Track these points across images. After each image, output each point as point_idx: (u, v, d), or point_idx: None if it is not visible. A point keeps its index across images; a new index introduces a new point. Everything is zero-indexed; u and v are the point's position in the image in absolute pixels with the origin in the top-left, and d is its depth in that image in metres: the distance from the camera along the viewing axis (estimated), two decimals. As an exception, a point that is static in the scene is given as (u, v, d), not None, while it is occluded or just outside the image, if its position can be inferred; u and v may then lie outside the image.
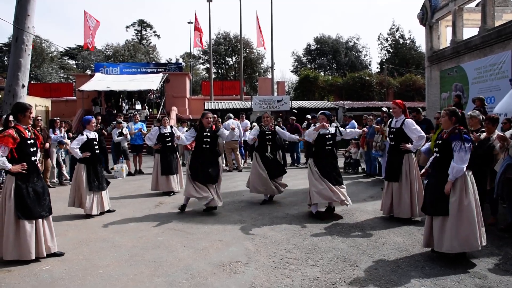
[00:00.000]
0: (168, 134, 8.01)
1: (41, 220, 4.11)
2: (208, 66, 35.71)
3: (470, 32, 14.33)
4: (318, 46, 42.56)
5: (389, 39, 41.76)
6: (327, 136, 5.73)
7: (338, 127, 5.88)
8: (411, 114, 6.78)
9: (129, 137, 10.81)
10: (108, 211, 6.19)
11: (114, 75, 24.96)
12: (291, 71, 49.03)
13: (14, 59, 7.77)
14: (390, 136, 5.57)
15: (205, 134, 6.11)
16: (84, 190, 5.85)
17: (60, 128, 9.26)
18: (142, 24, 51.32)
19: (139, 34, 51.26)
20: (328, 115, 5.84)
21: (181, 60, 46.44)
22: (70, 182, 7.35)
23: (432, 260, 3.97)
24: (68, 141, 8.90)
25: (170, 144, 8.01)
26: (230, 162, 11.53)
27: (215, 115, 8.92)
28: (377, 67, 43.69)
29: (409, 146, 5.35)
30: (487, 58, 11.21)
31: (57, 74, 40.58)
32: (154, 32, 52.47)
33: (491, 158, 5.12)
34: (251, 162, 7.86)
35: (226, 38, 41.48)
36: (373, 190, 7.94)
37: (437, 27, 14.41)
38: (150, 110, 24.81)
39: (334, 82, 31.81)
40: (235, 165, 11.58)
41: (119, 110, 22.77)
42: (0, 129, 4.59)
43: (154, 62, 37.22)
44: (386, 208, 5.51)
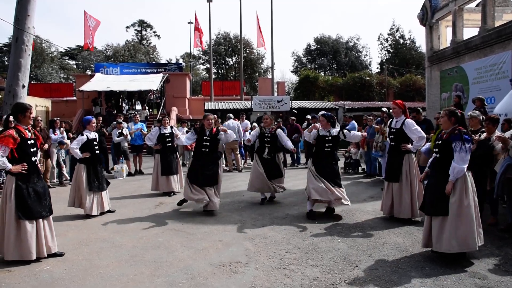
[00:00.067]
0: (168, 134, 8.00)
1: (41, 220, 4.11)
2: (208, 66, 35.78)
3: (470, 32, 14.30)
4: (318, 46, 42.58)
5: (389, 39, 41.77)
6: (327, 137, 5.73)
7: (342, 130, 5.86)
8: (411, 114, 6.78)
9: (129, 137, 10.80)
10: (108, 212, 6.19)
11: (114, 75, 24.96)
12: (291, 71, 49.08)
13: (14, 59, 7.78)
14: (390, 136, 5.57)
15: (204, 138, 6.11)
16: (84, 190, 5.85)
17: (60, 128, 9.27)
18: (142, 24, 51.34)
19: (139, 34, 51.28)
20: (329, 117, 5.84)
21: (181, 60, 46.46)
22: (70, 183, 7.35)
23: (432, 260, 3.98)
24: (68, 141, 8.90)
25: (170, 144, 8.01)
26: (230, 162, 11.54)
27: (215, 116, 8.91)
28: (377, 67, 43.79)
29: (409, 146, 5.36)
30: (487, 58, 11.20)
31: (57, 74, 40.58)
32: (154, 32, 52.57)
33: (491, 158, 5.12)
34: (251, 162, 7.85)
35: (226, 38, 41.49)
36: (373, 191, 7.94)
37: (437, 27, 14.40)
38: (150, 111, 24.81)
39: (334, 83, 31.81)
40: (235, 165, 11.60)
41: (119, 110, 22.75)
42: (0, 129, 4.60)
43: (154, 62, 37.24)
44: (386, 208, 5.52)
